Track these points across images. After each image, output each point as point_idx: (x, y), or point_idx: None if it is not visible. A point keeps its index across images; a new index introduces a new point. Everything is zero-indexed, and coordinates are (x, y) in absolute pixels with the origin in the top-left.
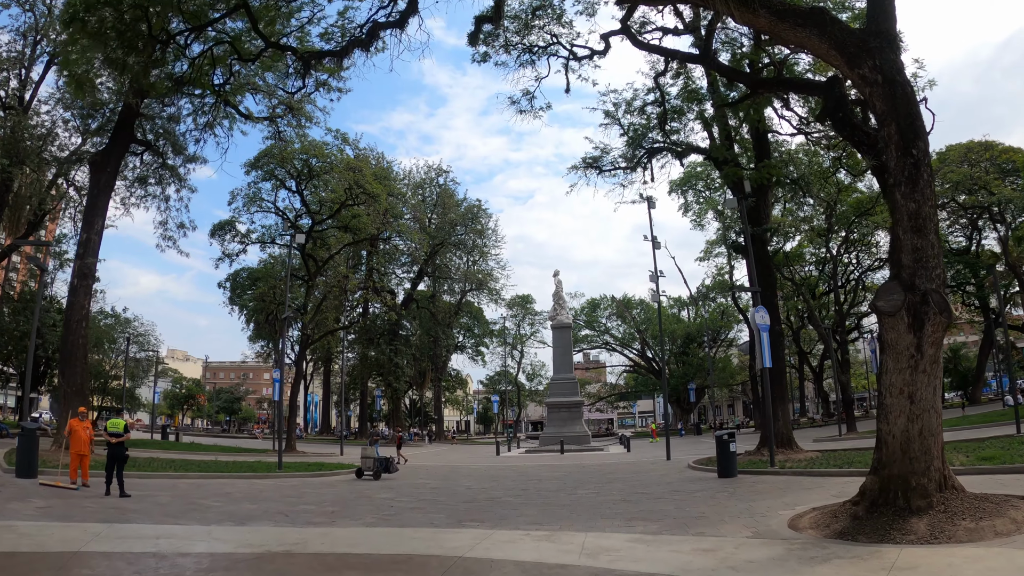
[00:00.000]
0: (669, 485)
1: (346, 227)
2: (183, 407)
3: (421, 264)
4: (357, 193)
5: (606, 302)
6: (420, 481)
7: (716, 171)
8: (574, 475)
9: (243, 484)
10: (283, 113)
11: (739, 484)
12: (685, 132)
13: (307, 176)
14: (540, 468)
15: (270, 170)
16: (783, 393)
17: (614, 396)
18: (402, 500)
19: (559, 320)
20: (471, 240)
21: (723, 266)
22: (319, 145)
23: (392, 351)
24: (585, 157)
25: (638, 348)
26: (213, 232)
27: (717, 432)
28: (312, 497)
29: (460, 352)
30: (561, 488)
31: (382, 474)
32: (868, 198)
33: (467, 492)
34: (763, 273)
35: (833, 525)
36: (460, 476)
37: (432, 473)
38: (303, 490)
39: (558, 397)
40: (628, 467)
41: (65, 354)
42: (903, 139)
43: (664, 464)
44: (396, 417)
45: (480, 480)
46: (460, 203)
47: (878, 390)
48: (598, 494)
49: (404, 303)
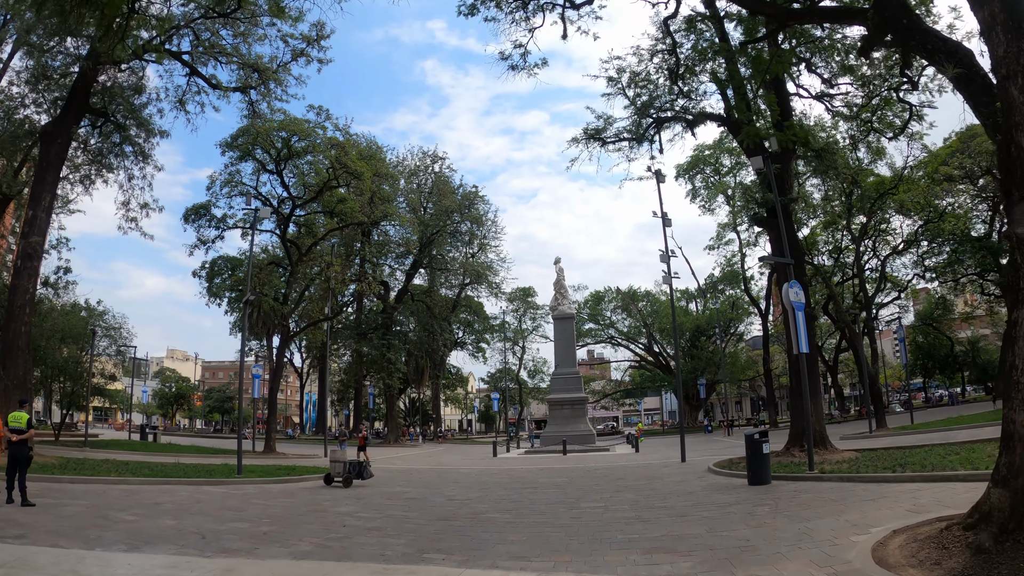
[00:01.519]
0: (692, 496)
1: (331, 212)
2: (173, 407)
3: (416, 255)
4: (339, 173)
5: (610, 295)
6: (396, 489)
7: (726, 157)
8: (577, 481)
9: (185, 492)
10: (256, 84)
11: (778, 494)
12: (697, 97)
13: (287, 156)
14: (539, 472)
15: (246, 149)
16: (815, 385)
17: (619, 393)
18: (363, 516)
19: (561, 311)
20: (468, 228)
21: (733, 255)
22: (299, 121)
23: (385, 345)
24: (587, 128)
25: (644, 343)
26: (187, 216)
27: (748, 431)
28: (255, 511)
29: (460, 349)
30: (560, 500)
31: (353, 481)
32: (889, 179)
33: (446, 506)
34: (792, 248)
35: (946, 562)
36: (445, 483)
37: (414, 479)
38: (252, 501)
39: (560, 393)
40: (639, 471)
41: (7, 343)
42: (1012, 17)
43: (679, 467)
44: (391, 416)
45: (467, 488)
46: (456, 190)
47: (1007, 364)
48: (606, 508)
49: (398, 296)
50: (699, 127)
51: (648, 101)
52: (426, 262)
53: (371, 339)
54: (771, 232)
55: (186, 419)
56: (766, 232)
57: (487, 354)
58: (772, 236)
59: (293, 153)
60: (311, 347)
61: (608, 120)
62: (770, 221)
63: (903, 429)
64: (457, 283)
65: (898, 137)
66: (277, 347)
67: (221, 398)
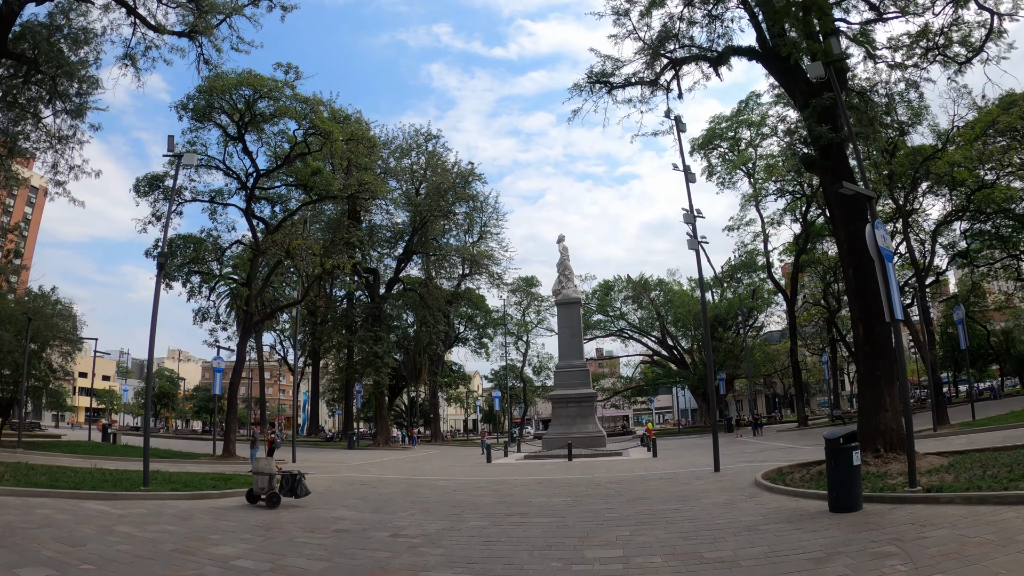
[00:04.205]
0: (756, 534)
1: (305, 185)
2: (157, 407)
3: (407, 240)
4: (309, 135)
5: (620, 284)
6: (333, 513)
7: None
8: (583, 502)
9: (45, 512)
10: (204, 29)
11: (889, 530)
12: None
13: (250, 120)
14: (535, 486)
15: (204, 111)
16: (890, 368)
17: (631, 390)
18: (240, 569)
19: (565, 294)
20: (465, 211)
21: (756, 236)
22: (260, 78)
23: (372, 338)
24: (591, 72)
25: (657, 336)
26: (138, 187)
27: (828, 431)
28: (93, 548)
29: (463, 345)
30: (556, 541)
31: (282, 499)
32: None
33: (383, 549)
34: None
35: None
36: (407, 504)
37: (371, 496)
38: (114, 528)
39: (565, 389)
40: (663, 485)
41: None
42: None
43: (715, 480)
44: (380, 416)
45: (431, 514)
46: (451, 168)
47: None
48: (626, 564)
49: (389, 285)
50: (724, 66)
51: (663, 33)
52: (421, 249)
53: (358, 332)
54: (826, 176)
55: (181, 420)
56: (819, 176)
57: (490, 350)
58: (827, 180)
59: (257, 116)
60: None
61: (617, 63)
62: (823, 163)
63: (968, 426)
64: (456, 274)
65: (971, 62)
66: (238, 338)
67: (205, 398)
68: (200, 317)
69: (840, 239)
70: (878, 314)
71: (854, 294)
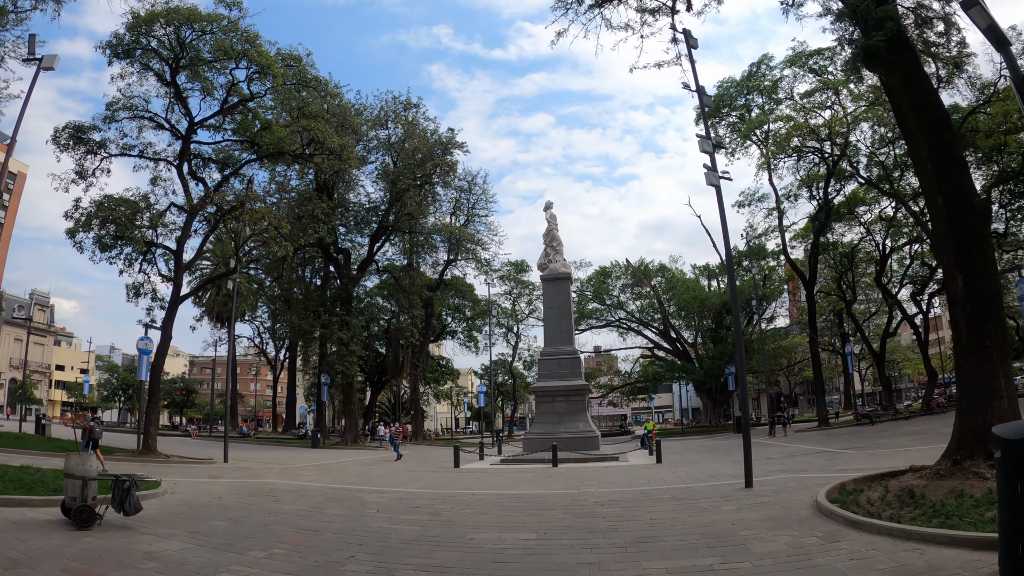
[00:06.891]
0: None
1: (251, 141)
2: (120, 398)
3: (382, 214)
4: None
5: (619, 270)
6: (156, 546)
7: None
8: (551, 546)
9: None
10: None
11: None
12: None
13: (186, 63)
14: (493, 508)
15: (128, 47)
16: (1002, 334)
17: (629, 387)
18: None
19: (553, 268)
20: (444, 182)
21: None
22: (195, 12)
23: (338, 323)
24: None
25: (658, 327)
26: (56, 138)
27: (1001, 428)
28: None
29: (451, 338)
30: None
31: (103, 517)
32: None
33: None
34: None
35: None
36: (291, 531)
37: (253, 515)
38: None
39: (551, 380)
40: (678, 511)
41: None
42: None
43: (750, 500)
44: (348, 412)
45: (303, 552)
46: (431, 136)
47: None
48: None
49: (361, 266)
50: None
51: None
52: (397, 226)
53: (322, 317)
54: (894, 75)
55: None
56: (884, 75)
57: (479, 343)
58: (895, 80)
59: (191, 55)
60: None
61: None
62: (891, 57)
63: None
64: (441, 259)
65: None
66: (164, 316)
67: (171, 390)
68: (133, 293)
69: (920, 158)
70: (983, 258)
71: (944, 233)
